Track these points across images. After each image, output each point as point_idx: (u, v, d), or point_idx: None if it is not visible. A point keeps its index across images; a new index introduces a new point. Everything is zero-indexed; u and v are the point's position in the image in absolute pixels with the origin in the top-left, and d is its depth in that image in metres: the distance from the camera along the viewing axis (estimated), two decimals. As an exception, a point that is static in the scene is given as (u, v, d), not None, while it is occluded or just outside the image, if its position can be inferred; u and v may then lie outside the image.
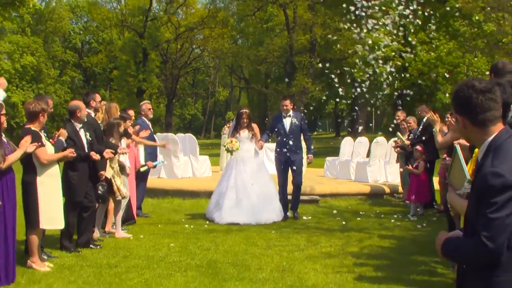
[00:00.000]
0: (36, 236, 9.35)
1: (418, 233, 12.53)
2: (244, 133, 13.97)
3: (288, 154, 13.66)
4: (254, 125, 14.25)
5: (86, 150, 10.46)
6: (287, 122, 13.89)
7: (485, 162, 3.52)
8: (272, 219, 13.50)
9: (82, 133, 10.61)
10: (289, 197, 14.42)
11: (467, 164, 4.87)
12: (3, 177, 8.39)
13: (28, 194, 9.13)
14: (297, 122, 13.89)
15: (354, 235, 12.21)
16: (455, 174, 4.89)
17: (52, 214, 9.34)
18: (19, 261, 9.03)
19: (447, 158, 9.85)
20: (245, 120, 14.02)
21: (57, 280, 8.80)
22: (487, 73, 9.51)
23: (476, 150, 5.55)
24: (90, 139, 10.75)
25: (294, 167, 13.88)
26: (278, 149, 14.04)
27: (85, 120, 10.73)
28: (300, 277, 8.97)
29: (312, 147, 14.63)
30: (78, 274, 9.15)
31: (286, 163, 13.86)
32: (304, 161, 14.90)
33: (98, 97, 12.34)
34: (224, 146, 14.25)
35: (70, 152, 9.38)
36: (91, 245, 10.90)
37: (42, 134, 9.27)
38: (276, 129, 14.19)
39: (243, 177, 13.70)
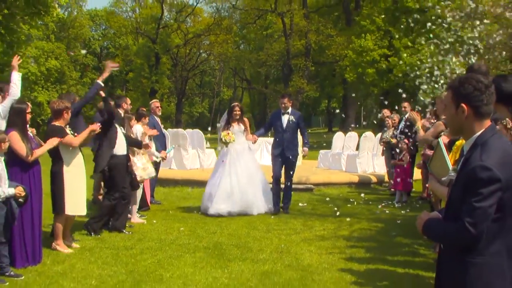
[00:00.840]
0: (61, 222, 9.40)
1: (403, 218, 12.52)
2: (236, 127, 13.13)
3: (283, 149, 13.00)
4: (245, 119, 13.58)
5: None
6: (285, 119, 13.11)
7: (473, 155, 3.54)
8: (263, 210, 12.89)
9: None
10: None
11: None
12: (30, 169, 8.42)
13: (55, 183, 9.14)
14: (294, 120, 13.13)
15: (345, 220, 12.21)
16: (436, 165, 4.90)
17: (76, 201, 9.37)
18: (44, 244, 9.04)
19: (427, 151, 9.82)
20: (237, 113, 13.23)
21: (79, 260, 8.81)
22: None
23: (458, 142, 5.55)
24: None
25: (289, 162, 13.13)
26: (274, 144, 13.34)
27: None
28: (296, 258, 8.98)
29: (308, 140, 13.61)
30: (98, 255, 9.16)
31: (281, 158, 13.07)
32: (300, 155, 14.18)
33: (128, 101, 12.47)
34: (221, 138, 13.13)
35: (96, 126, 9.38)
36: (124, 230, 10.90)
37: (68, 130, 9.27)
38: (274, 126, 13.44)
39: (236, 169, 12.89)
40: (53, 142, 8.67)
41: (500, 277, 3.54)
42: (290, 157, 13.06)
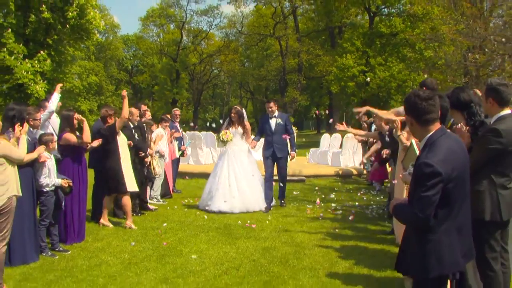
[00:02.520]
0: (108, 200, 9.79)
1: (377, 202, 12.53)
2: (236, 129, 11.91)
3: (274, 150, 11.66)
4: (247, 123, 12.21)
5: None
6: (272, 122, 11.82)
7: (422, 154, 3.68)
8: (260, 208, 11.49)
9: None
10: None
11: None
12: (78, 163, 8.51)
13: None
14: (281, 122, 11.82)
15: (331, 205, 12.20)
16: (407, 161, 4.94)
17: (127, 182, 9.67)
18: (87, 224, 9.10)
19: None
20: (233, 115, 11.97)
21: (115, 238, 8.84)
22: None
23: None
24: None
25: (280, 162, 11.82)
26: (265, 146, 12.04)
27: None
28: (291, 236, 8.98)
29: (294, 144, 12.27)
30: (129, 234, 9.19)
31: (272, 158, 11.75)
32: (289, 157, 12.13)
33: (144, 107, 12.37)
34: (219, 137, 12.03)
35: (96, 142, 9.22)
36: (133, 213, 10.91)
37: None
38: (263, 129, 12.14)
39: (235, 168, 11.62)
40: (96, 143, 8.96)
41: (450, 251, 3.69)
42: (281, 157, 11.80)
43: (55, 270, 6.96)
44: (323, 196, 13.51)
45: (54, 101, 9.39)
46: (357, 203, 12.49)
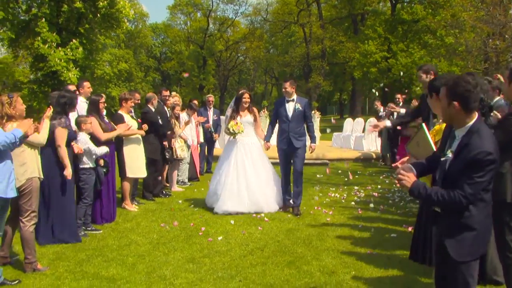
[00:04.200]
0: (128, 184, 9.74)
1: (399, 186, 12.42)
2: (245, 117, 9.95)
3: (290, 140, 9.39)
4: (254, 109, 10.20)
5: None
6: (289, 107, 9.55)
7: (472, 141, 3.54)
8: (274, 209, 9.55)
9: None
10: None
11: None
12: (106, 144, 8.54)
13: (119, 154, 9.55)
14: (300, 108, 9.48)
15: (353, 187, 12.13)
16: (416, 146, 4.87)
17: (137, 167, 9.66)
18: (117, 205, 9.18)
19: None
20: (247, 100, 9.96)
21: (143, 219, 8.90)
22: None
23: (437, 127, 5.44)
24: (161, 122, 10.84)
25: (296, 154, 9.43)
26: (279, 136, 9.63)
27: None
28: (314, 218, 8.96)
29: (315, 136, 9.93)
30: (158, 215, 9.24)
31: (288, 150, 9.48)
32: (309, 150, 9.70)
33: (164, 92, 11.93)
34: (228, 129, 9.81)
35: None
36: (161, 195, 11.08)
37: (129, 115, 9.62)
38: (278, 115, 9.71)
39: (244, 166, 9.66)
40: (123, 127, 8.94)
41: (489, 233, 3.75)
42: (298, 148, 9.43)
43: (87, 250, 7.02)
44: (346, 179, 13.44)
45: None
46: (379, 186, 12.40)
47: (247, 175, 9.58)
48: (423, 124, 4.92)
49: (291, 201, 9.61)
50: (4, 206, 5.51)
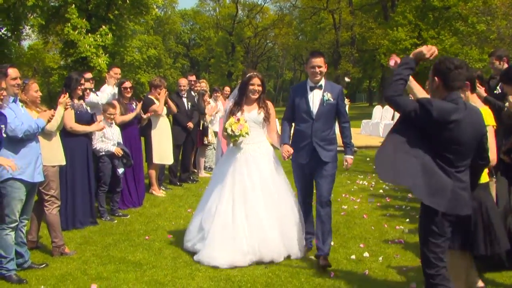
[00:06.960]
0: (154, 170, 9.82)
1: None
2: (252, 112, 6.22)
3: (313, 150, 5.86)
4: (269, 103, 6.42)
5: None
6: (315, 97, 5.88)
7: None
8: (289, 254, 6.01)
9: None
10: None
11: None
12: (130, 132, 8.56)
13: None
14: (331, 100, 5.83)
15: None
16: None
17: (164, 153, 9.70)
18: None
19: None
20: (256, 88, 6.17)
21: (170, 204, 8.96)
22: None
23: None
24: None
25: (323, 172, 5.93)
26: (296, 143, 6.00)
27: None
28: (342, 205, 8.89)
29: (351, 142, 6.25)
30: (185, 201, 9.30)
31: (310, 165, 5.97)
32: (344, 163, 6.25)
33: (191, 77, 11.57)
34: (226, 129, 6.03)
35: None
36: (188, 181, 11.14)
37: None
38: (296, 109, 6.01)
39: (245, 188, 6.00)
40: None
41: None
42: (326, 164, 5.94)
43: (114, 234, 7.08)
44: (374, 167, 13.29)
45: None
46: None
47: (249, 204, 5.99)
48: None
49: (312, 241, 6.35)
50: (31, 191, 5.52)
